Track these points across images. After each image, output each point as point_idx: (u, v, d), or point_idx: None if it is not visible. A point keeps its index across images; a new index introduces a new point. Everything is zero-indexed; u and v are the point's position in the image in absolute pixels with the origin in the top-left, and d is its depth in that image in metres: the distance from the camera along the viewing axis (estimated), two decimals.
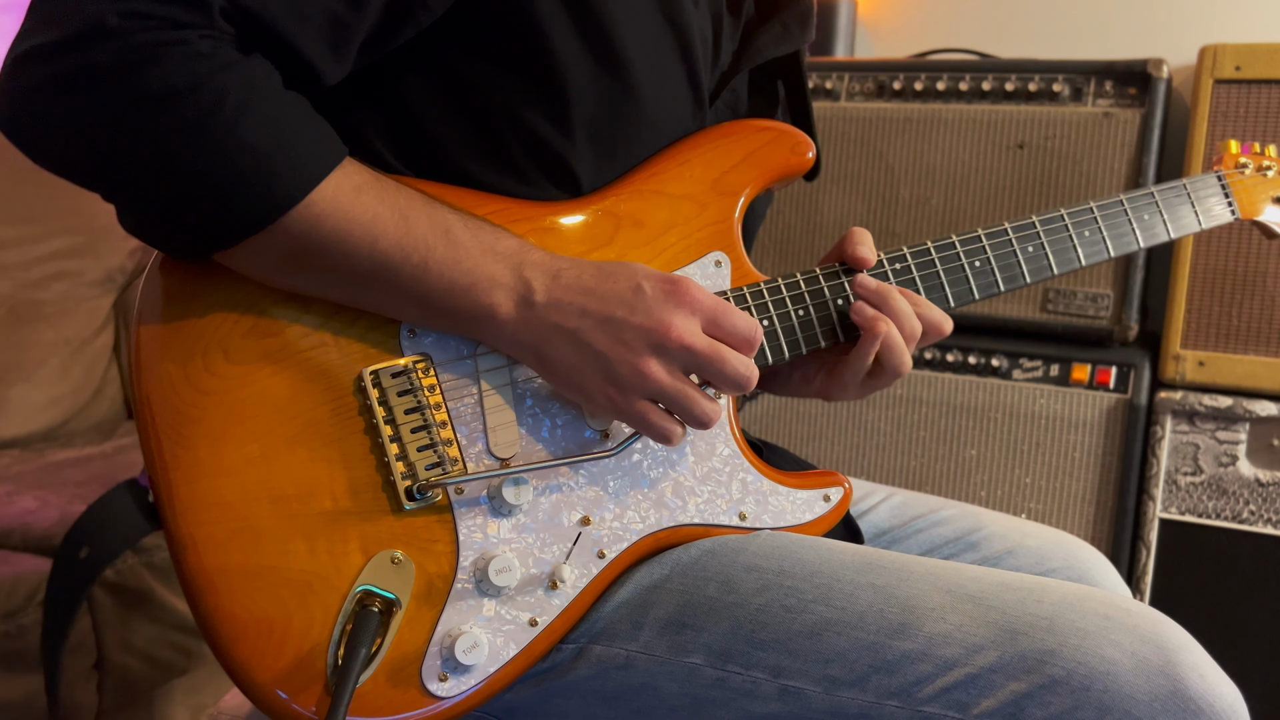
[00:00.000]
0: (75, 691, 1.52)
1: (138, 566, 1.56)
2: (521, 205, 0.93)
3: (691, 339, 0.85)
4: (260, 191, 0.79)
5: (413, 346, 0.89)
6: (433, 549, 0.87)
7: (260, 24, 0.79)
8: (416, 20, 0.87)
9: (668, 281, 0.86)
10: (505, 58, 0.90)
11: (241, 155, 0.78)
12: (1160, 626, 0.84)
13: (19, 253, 2.12)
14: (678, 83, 0.98)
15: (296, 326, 0.87)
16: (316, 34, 0.82)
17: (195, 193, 0.79)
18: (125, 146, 0.77)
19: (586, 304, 0.85)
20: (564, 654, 0.92)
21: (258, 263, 0.84)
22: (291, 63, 0.82)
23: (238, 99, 0.77)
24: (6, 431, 2.03)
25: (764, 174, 1.01)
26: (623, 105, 0.94)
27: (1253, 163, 1.21)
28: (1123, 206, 1.10)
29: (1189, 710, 0.79)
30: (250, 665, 0.84)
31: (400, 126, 0.92)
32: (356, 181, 0.83)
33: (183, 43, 0.76)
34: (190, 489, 0.84)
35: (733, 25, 1.06)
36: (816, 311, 0.99)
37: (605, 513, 0.92)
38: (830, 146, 2.13)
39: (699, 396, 0.87)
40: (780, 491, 0.98)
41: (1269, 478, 1.88)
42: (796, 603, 0.88)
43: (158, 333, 0.86)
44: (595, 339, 0.85)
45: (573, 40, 0.90)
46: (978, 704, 0.82)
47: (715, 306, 0.87)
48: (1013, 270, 1.05)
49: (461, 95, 0.91)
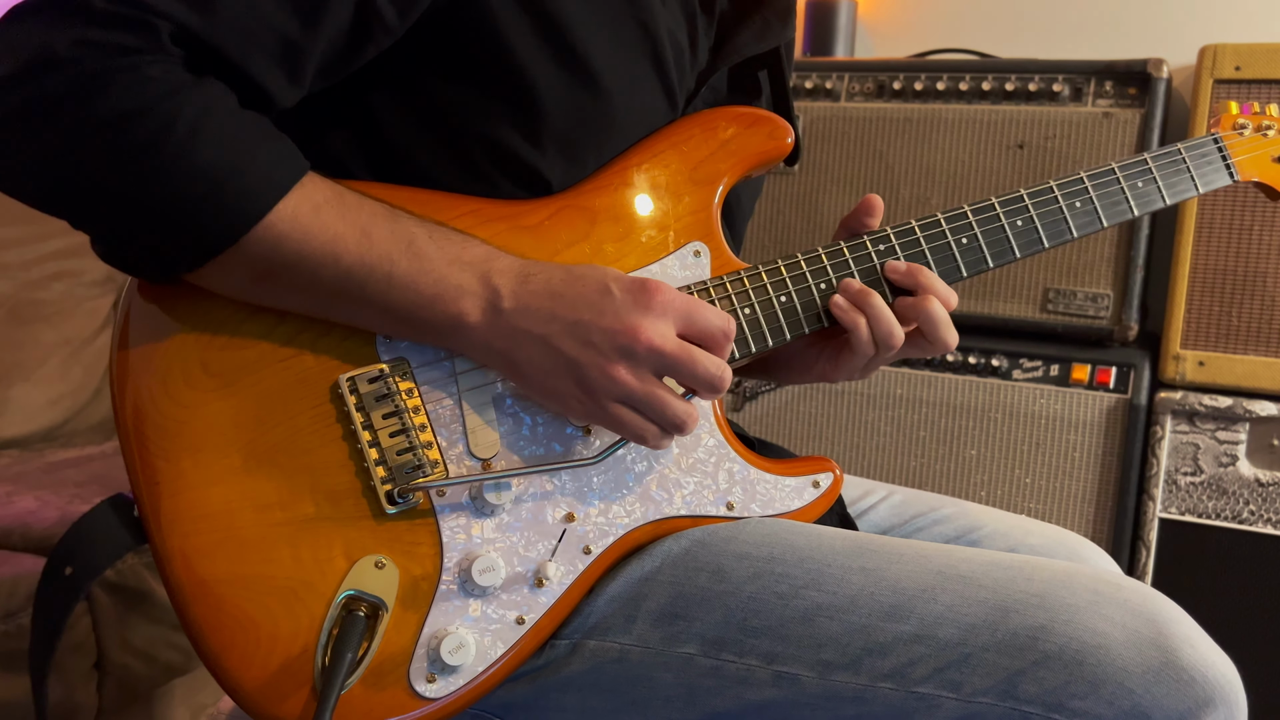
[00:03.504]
0: (75, 691, 1.52)
1: (138, 566, 1.56)
2: (496, 205, 0.93)
3: (661, 342, 0.84)
4: (217, 214, 0.79)
5: (389, 351, 0.89)
6: (416, 552, 0.88)
7: (207, 47, 0.79)
8: (376, 41, 0.87)
9: (636, 284, 0.86)
10: (472, 73, 0.90)
11: (196, 178, 0.78)
12: (1150, 600, 0.85)
13: (19, 253, 2.13)
14: (649, 86, 0.98)
15: (273, 337, 0.87)
16: (267, 57, 0.82)
17: (153, 217, 0.79)
18: (81, 173, 0.78)
19: (555, 308, 0.85)
20: (558, 650, 0.92)
21: (227, 282, 0.85)
22: (243, 85, 0.82)
23: (189, 121, 0.77)
24: (6, 431, 2.04)
25: (741, 161, 1.00)
26: (594, 113, 0.94)
27: (1251, 123, 1.18)
28: (1115, 175, 1.07)
29: (1182, 680, 0.80)
30: (238, 672, 0.84)
31: (371, 143, 0.93)
32: (316, 200, 0.83)
33: (132, 69, 0.76)
34: (174, 502, 0.85)
35: (706, 23, 1.05)
36: (799, 297, 0.98)
37: (590, 509, 0.92)
38: (830, 146, 2.13)
39: (671, 400, 0.86)
40: (768, 479, 0.98)
41: (1269, 478, 1.87)
42: (788, 589, 0.88)
43: (136, 348, 0.86)
44: (564, 344, 0.85)
45: (539, 51, 0.90)
46: (971, 683, 0.83)
47: (687, 306, 0.86)
48: (1002, 246, 1.03)
49: (430, 111, 0.92)
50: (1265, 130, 1.18)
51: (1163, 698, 0.79)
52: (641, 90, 0.97)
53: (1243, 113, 1.19)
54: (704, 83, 1.04)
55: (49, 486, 1.77)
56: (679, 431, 0.88)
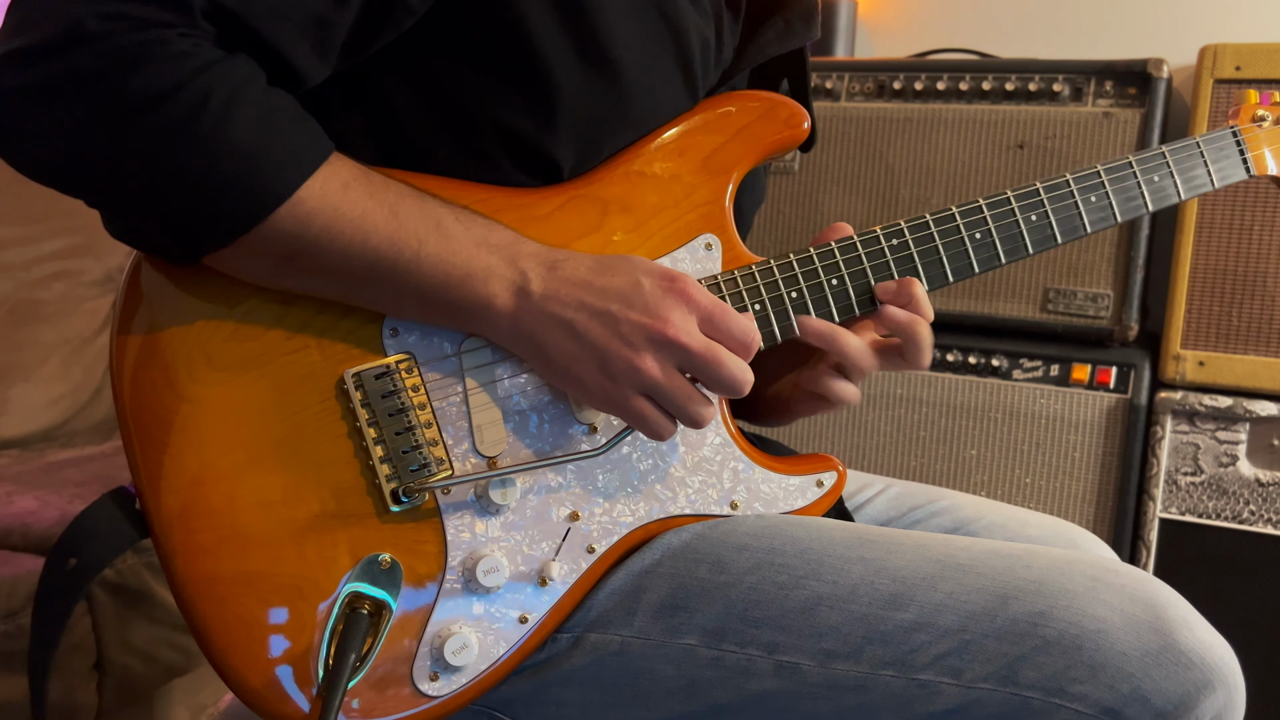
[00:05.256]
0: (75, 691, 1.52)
1: (138, 566, 1.56)
2: (507, 193, 0.92)
3: (689, 338, 0.85)
4: (247, 191, 0.79)
5: (396, 346, 0.89)
6: (421, 550, 0.88)
7: (241, 24, 0.79)
8: (397, 21, 0.86)
9: (667, 278, 0.86)
10: (488, 58, 0.90)
11: (227, 155, 0.78)
12: (1148, 585, 0.85)
13: (19, 253, 2.12)
14: (671, 80, 0.97)
15: (278, 329, 0.87)
16: (299, 34, 0.81)
17: (183, 195, 0.78)
18: (110, 151, 0.77)
19: (584, 296, 0.85)
20: (559, 644, 0.93)
21: (250, 264, 0.84)
22: (274, 63, 0.81)
23: (221, 99, 0.77)
24: (6, 431, 2.03)
25: (755, 150, 0.99)
26: (611, 104, 0.93)
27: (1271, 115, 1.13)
28: (1132, 169, 1.04)
29: (1180, 664, 0.80)
30: (243, 670, 0.84)
31: (381, 128, 0.92)
32: (345, 177, 0.83)
33: (163, 43, 0.76)
34: (177, 497, 0.84)
35: (732, 21, 1.05)
36: (811, 294, 0.97)
37: (594, 508, 0.92)
38: (830, 146, 2.13)
39: (696, 396, 0.87)
40: (772, 479, 0.98)
41: (1269, 478, 1.88)
42: (788, 579, 0.89)
43: (139, 340, 0.85)
44: (592, 331, 0.85)
45: (560, 38, 0.89)
46: (972, 669, 0.83)
47: (713, 307, 0.87)
48: (1015, 241, 1.01)
49: (444, 97, 0.91)
50: None
51: (1162, 681, 0.80)
52: (663, 83, 0.96)
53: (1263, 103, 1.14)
54: (727, 80, 1.03)
55: (49, 486, 1.77)
56: (695, 427, 0.88)
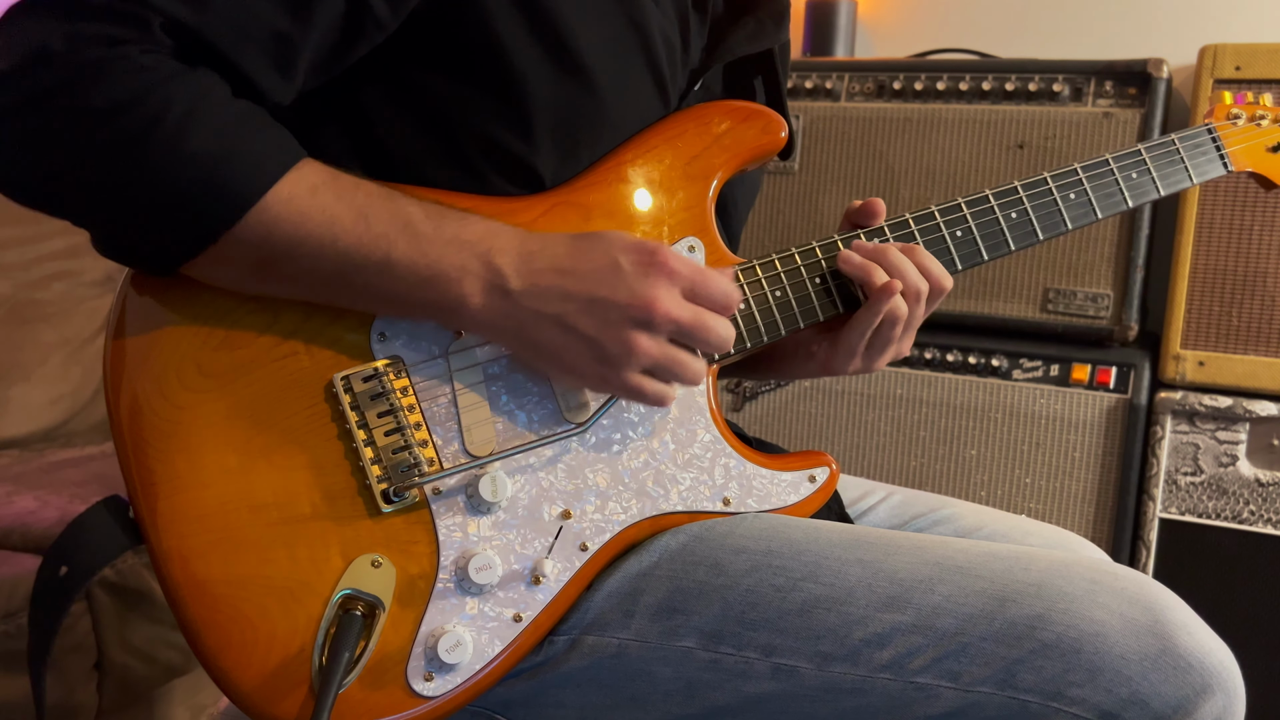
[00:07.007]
0: (75, 691, 1.52)
1: (138, 566, 1.56)
2: (490, 202, 0.92)
3: (678, 312, 0.85)
4: (211, 200, 0.79)
5: (384, 350, 0.89)
6: (413, 550, 0.88)
7: (201, 41, 0.80)
8: (369, 37, 0.87)
9: (644, 251, 0.86)
10: (463, 68, 0.91)
11: (188, 163, 0.78)
12: (1147, 588, 0.85)
13: (19, 253, 2.13)
14: (642, 83, 0.98)
15: (267, 336, 0.87)
16: (259, 51, 0.82)
17: (148, 205, 0.79)
18: (76, 165, 0.78)
19: (566, 286, 0.85)
20: (557, 646, 0.93)
21: (224, 272, 0.85)
22: (235, 79, 0.82)
23: (181, 109, 0.78)
24: (6, 431, 2.04)
25: (735, 156, 1.00)
26: (586, 109, 0.94)
27: (1245, 113, 1.18)
28: (1109, 166, 1.08)
29: (1179, 667, 0.80)
30: (236, 673, 0.85)
31: (362, 140, 0.93)
32: (313, 181, 0.83)
33: (124, 58, 0.77)
34: (169, 503, 0.85)
35: (699, 22, 1.06)
36: (794, 292, 0.98)
37: (586, 505, 0.93)
38: (830, 146, 2.13)
39: (688, 359, 0.88)
40: (764, 474, 0.98)
41: (1269, 478, 1.87)
42: (785, 581, 0.89)
43: (131, 350, 0.86)
44: (581, 323, 0.85)
45: (531, 48, 0.90)
46: (970, 672, 0.83)
47: (694, 274, 0.87)
48: (997, 239, 1.03)
49: (422, 107, 0.92)
50: (1259, 120, 1.18)
51: (1160, 684, 0.80)
52: (633, 86, 0.97)
53: (1236, 103, 1.19)
54: (696, 80, 1.04)
55: (49, 486, 1.77)
56: (694, 385, 0.90)
